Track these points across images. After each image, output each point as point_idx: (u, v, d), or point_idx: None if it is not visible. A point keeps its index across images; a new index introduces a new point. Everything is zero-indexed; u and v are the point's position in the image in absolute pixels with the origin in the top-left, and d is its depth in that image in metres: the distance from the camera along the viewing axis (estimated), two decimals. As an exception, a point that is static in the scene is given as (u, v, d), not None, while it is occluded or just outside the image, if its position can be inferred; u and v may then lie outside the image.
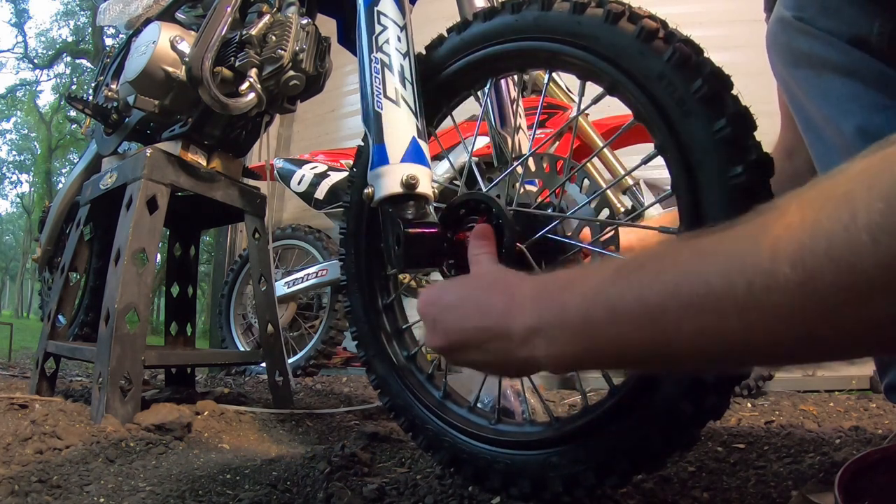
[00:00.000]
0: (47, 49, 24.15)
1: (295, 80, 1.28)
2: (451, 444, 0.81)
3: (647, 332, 0.38)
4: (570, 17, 0.69)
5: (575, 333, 0.43)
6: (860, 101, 0.62)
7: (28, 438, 1.04)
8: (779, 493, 0.79)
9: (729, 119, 0.58)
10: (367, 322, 0.95)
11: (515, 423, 0.79)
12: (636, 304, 0.39)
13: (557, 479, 0.68)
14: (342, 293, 1.00)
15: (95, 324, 1.34)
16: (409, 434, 0.89)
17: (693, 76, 0.60)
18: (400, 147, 0.77)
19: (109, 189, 1.49)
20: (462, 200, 0.79)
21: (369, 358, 0.94)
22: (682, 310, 0.36)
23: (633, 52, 0.64)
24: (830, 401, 1.90)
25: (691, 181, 0.60)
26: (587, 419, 0.67)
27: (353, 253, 0.97)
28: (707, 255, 0.36)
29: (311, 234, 2.90)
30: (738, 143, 0.58)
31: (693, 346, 0.37)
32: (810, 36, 0.65)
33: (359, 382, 2.55)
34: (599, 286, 0.42)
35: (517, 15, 0.76)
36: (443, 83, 0.88)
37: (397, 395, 0.90)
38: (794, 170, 0.83)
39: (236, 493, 0.84)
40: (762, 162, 0.57)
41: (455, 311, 0.54)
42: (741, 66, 0.84)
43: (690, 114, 0.60)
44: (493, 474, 0.75)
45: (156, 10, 1.59)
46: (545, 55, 0.75)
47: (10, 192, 33.11)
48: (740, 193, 0.56)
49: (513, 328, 0.47)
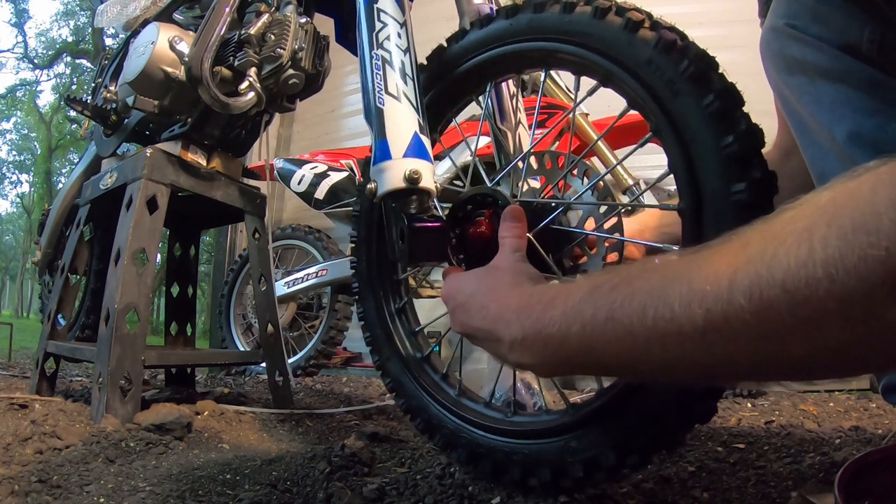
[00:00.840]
0: (47, 49, 24.16)
1: (294, 78, 1.28)
2: (469, 440, 0.81)
3: (617, 349, 0.41)
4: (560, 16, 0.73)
5: (554, 347, 0.47)
6: (851, 106, 0.63)
7: (28, 438, 1.04)
8: (779, 493, 0.79)
9: (717, 95, 0.61)
10: (380, 326, 0.97)
11: (532, 414, 0.79)
12: (608, 325, 0.41)
13: (577, 463, 0.68)
14: (354, 300, 1.01)
15: (96, 326, 1.34)
16: (426, 435, 0.89)
17: (679, 58, 0.63)
18: (402, 142, 0.78)
19: (109, 189, 1.48)
20: (469, 196, 0.80)
21: (383, 361, 0.96)
22: (648, 331, 0.38)
23: (622, 42, 0.67)
24: (830, 401, 1.90)
25: (686, 156, 0.62)
26: (602, 401, 0.68)
27: (365, 259, 0.99)
28: (673, 281, 0.38)
29: (311, 234, 2.90)
30: (728, 116, 0.60)
31: (660, 364, 0.40)
32: (802, 43, 0.66)
33: (359, 382, 2.55)
34: (576, 305, 0.45)
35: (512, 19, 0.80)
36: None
37: (412, 397, 0.91)
38: (792, 169, 0.84)
39: (236, 493, 0.84)
40: (752, 131, 0.60)
41: (464, 308, 0.59)
42: (741, 66, 0.84)
43: (680, 93, 0.62)
44: (512, 466, 0.75)
45: (153, 11, 1.59)
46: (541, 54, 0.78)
47: (10, 192, 33.18)
48: (735, 162, 0.59)
49: (502, 336, 0.52)
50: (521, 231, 0.69)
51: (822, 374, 0.36)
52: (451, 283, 0.64)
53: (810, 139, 0.69)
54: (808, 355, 0.34)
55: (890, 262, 0.28)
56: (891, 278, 0.29)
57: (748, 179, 0.58)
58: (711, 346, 0.36)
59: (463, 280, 0.63)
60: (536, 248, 0.74)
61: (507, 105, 0.98)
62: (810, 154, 0.70)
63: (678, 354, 0.38)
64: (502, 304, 0.53)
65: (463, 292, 0.61)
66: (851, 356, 0.33)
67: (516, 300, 0.52)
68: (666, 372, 0.43)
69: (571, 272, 0.78)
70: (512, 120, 0.98)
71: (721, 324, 0.34)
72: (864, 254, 0.29)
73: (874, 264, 0.29)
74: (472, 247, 0.78)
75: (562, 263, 0.77)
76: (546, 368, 0.50)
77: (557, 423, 0.72)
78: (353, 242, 1.01)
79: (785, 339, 0.33)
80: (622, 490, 0.79)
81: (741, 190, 0.58)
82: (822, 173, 0.68)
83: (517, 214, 0.70)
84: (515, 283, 0.57)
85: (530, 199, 0.78)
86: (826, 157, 0.67)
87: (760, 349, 0.34)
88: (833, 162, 0.65)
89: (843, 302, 0.30)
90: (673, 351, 0.38)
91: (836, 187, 0.33)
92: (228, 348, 2.90)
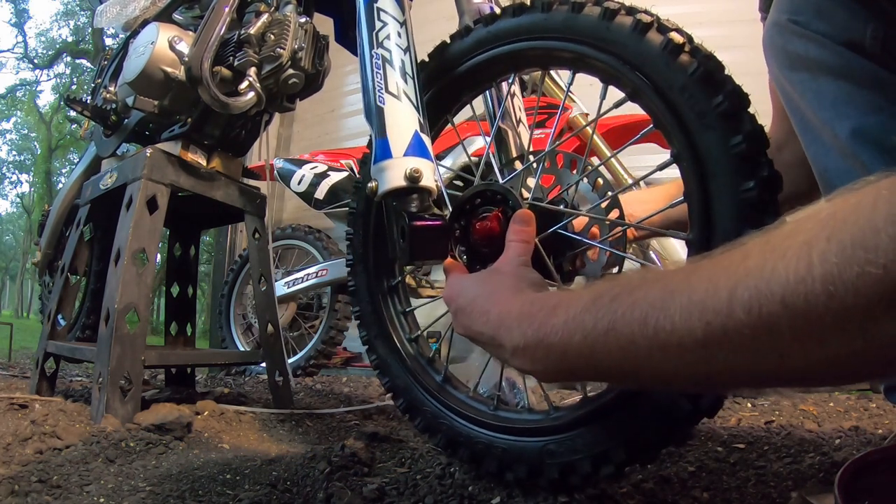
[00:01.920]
0: (47, 49, 24.15)
1: (294, 78, 1.28)
2: (449, 426, 0.83)
3: (618, 359, 0.42)
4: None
5: (556, 356, 0.47)
6: (855, 103, 0.63)
7: (28, 438, 1.04)
8: (779, 493, 0.79)
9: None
10: (370, 303, 0.97)
11: (515, 411, 0.80)
12: (609, 335, 0.42)
13: (554, 466, 0.70)
14: (349, 274, 1.01)
15: (96, 326, 1.34)
16: (407, 416, 0.91)
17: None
18: (402, 141, 0.78)
19: (109, 189, 1.48)
20: (478, 191, 0.80)
21: (371, 338, 0.97)
22: (649, 342, 0.39)
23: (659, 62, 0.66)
24: (830, 401, 1.90)
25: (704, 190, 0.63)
26: (586, 410, 0.69)
27: (361, 234, 0.99)
28: (674, 293, 0.38)
29: (311, 234, 2.89)
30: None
31: (660, 373, 0.41)
32: (806, 39, 0.66)
33: (359, 382, 2.55)
34: (578, 314, 0.45)
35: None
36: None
37: (397, 377, 0.92)
38: (783, 163, 0.84)
39: (236, 493, 0.84)
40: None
41: (466, 312, 0.59)
42: (741, 66, 0.83)
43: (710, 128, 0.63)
44: (489, 459, 0.77)
45: (153, 12, 1.59)
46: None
47: (10, 192, 33.17)
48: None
49: (504, 342, 0.52)
50: (529, 236, 0.69)
51: (819, 384, 0.37)
52: (454, 284, 0.64)
53: (812, 136, 0.69)
54: (806, 367, 0.34)
55: (888, 280, 0.29)
56: (888, 295, 0.29)
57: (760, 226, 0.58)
58: (711, 358, 0.36)
59: (465, 283, 0.63)
60: (540, 253, 0.74)
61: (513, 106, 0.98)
62: (812, 151, 0.69)
63: (679, 364, 0.38)
64: (504, 310, 0.54)
65: (465, 295, 0.61)
66: (849, 367, 0.33)
67: (518, 307, 0.52)
68: (667, 380, 0.43)
69: (570, 277, 0.78)
70: (516, 120, 0.98)
71: (721, 336, 0.35)
72: (861, 270, 0.29)
73: (872, 281, 0.29)
74: (476, 242, 0.78)
75: (561, 268, 0.77)
76: (548, 375, 0.50)
77: (539, 424, 0.73)
78: (351, 215, 1.01)
79: (784, 351, 0.33)
80: (622, 490, 0.79)
81: None
82: (825, 170, 0.68)
83: (527, 219, 0.70)
84: (517, 288, 0.57)
85: (540, 203, 0.78)
86: (828, 154, 0.66)
87: (759, 361, 0.35)
88: (835, 159, 0.65)
89: (841, 317, 0.30)
90: (673, 361, 0.38)
91: (836, 200, 0.33)
92: (228, 348, 2.90)
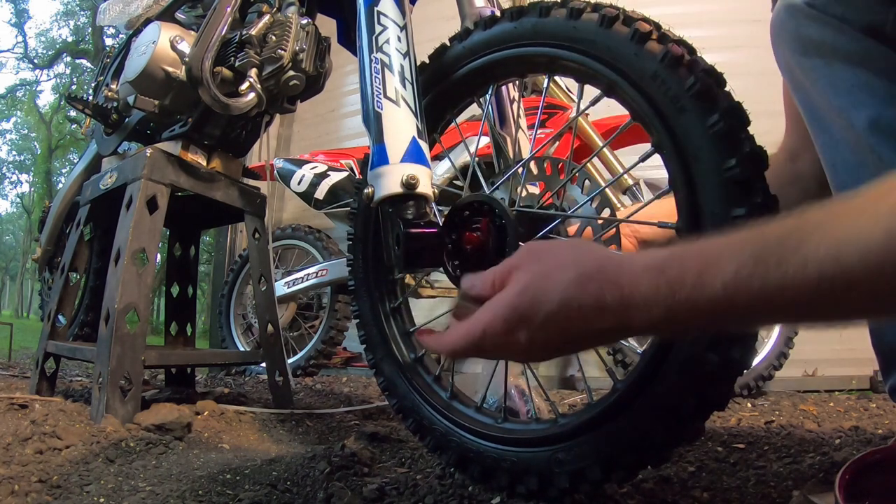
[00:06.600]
0: (47, 49, 24.13)
1: (295, 79, 1.28)
2: (458, 444, 0.82)
3: (790, 308, 0.41)
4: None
5: (706, 318, 0.44)
6: (873, 91, 0.60)
7: (28, 438, 1.04)
8: (779, 493, 0.79)
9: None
10: (374, 325, 0.97)
11: (522, 422, 0.79)
12: (786, 291, 0.39)
13: (564, 475, 0.69)
14: (350, 298, 1.01)
15: (95, 324, 1.34)
16: (417, 436, 0.90)
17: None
18: (400, 147, 0.78)
19: (109, 189, 1.48)
20: (466, 202, 0.80)
21: (377, 361, 0.96)
22: (830, 284, 0.37)
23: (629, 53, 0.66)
24: (830, 401, 1.90)
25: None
26: (591, 415, 0.68)
27: (361, 258, 0.99)
28: (840, 244, 0.37)
29: (311, 234, 2.89)
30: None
31: (851, 308, 0.40)
32: (821, 23, 0.62)
33: (359, 382, 2.55)
34: (739, 273, 0.41)
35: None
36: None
37: (404, 397, 0.91)
38: (798, 173, 0.81)
39: (236, 493, 0.84)
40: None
41: (561, 321, 0.47)
42: (741, 66, 0.83)
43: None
44: (500, 473, 0.76)
45: (156, 11, 1.59)
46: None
47: (10, 192, 33.17)
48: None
49: (633, 325, 0.46)
50: None
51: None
52: (516, 301, 0.49)
53: (823, 126, 0.66)
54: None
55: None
56: None
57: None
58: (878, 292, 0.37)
59: (533, 291, 0.48)
60: None
61: (507, 110, 0.98)
62: (822, 142, 0.66)
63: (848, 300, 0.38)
64: (623, 287, 0.45)
65: (548, 301, 0.47)
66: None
67: (645, 279, 0.45)
68: (852, 315, 0.42)
69: None
70: (512, 125, 0.98)
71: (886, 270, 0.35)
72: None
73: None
74: (467, 253, 0.77)
75: None
76: (676, 334, 0.51)
77: (546, 433, 0.73)
78: (350, 241, 1.01)
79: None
80: (622, 490, 0.79)
81: (741, 215, 0.58)
82: (834, 163, 0.65)
83: None
84: (605, 257, 0.48)
85: (528, 209, 0.78)
86: (838, 146, 0.64)
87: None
88: (846, 151, 0.63)
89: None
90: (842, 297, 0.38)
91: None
92: (228, 348, 2.90)
